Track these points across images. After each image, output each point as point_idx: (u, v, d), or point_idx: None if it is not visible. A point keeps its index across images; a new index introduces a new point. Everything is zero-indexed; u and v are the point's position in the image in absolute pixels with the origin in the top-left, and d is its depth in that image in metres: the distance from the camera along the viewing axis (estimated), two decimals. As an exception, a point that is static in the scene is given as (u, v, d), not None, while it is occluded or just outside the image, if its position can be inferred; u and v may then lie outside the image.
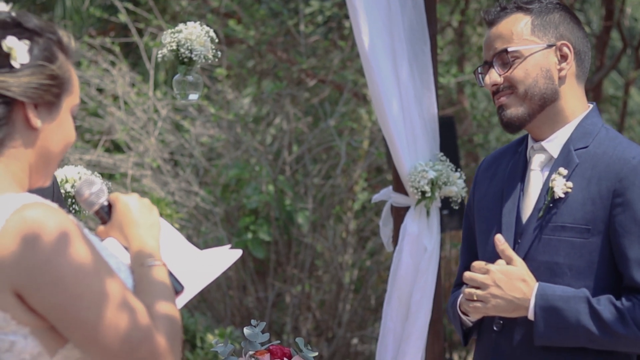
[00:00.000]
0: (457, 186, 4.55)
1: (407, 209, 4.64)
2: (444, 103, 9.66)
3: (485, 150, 9.75)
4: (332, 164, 8.43)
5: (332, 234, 8.21)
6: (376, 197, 4.85)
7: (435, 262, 4.60)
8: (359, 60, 8.36)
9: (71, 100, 2.27)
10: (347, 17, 8.83)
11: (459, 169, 4.63)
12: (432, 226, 4.62)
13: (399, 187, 4.65)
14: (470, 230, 3.42)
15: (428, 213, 4.59)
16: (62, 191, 3.58)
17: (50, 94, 2.20)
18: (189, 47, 3.76)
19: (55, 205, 2.11)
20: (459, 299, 3.26)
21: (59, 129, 2.24)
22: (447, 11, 9.95)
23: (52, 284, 2.04)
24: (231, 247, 2.64)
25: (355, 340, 8.40)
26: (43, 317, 2.07)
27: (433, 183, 4.51)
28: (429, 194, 4.52)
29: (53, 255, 2.04)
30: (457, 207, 4.67)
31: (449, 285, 9.21)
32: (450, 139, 6.38)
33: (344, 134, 8.46)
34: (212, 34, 3.85)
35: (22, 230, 2.05)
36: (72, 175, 3.61)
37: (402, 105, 4.53)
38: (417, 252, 4.59)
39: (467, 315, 3.26)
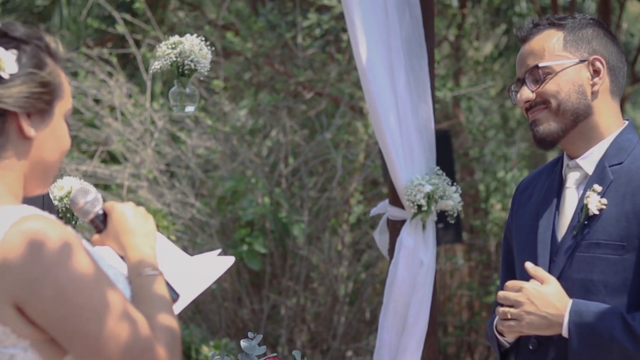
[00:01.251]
0: (453, 200, 4.56)
1: (403, 222, 4.65)
2: (440, 117, 9.67)
3: (481, 164, 9.76)
4: (328, 176, 8.43)
5: (327, 247, 8.21)
6: (374, 211, 4.86)
7: (431, 276, 4.61)
8: (356, 73, 8.37)
9: (63, 105, 2.25)
10: (344, 30, 8.84)
11: (454, 183, 4.65)
12: (427, 240, 4.62)
13: (395, 201, 4.66)
14: (509, 253, 3.37)
15: (424, 226, 4.60)
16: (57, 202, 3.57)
17: (42, 102, 2.19)
18: (193, 60, 3.76)
19: (53, 217, 2.10)
20: (496, 320, 3.22)
21: (53, 136, 2.23)
22: (444, 25, 9.97)
23: (53, 296, 2.04)
24: (220, 250, 2.65)
25: (350, 353, 8.39)
26: (43, 329, 2.06)
27: (429, 197, 4.52)
28: (425, 208, 4.53)
29: (53, 267, 2.04)
30: (452, 221, 4.68)
31: (444, 299, 9.22)
32: (446, 153, 6.39)
33: (340, 147, 8.47)
34: (204, 47, 3.85)
35: (22, 243, 2.04)
36: (73, 186, 3.60)
37: (399, 119, 4.54)
38: (412, 265, 4.60)
39: (504, 336, 3.23)
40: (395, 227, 4.70)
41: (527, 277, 3.14)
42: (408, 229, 4.60)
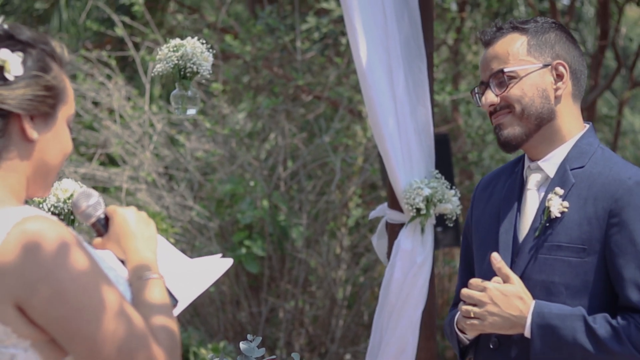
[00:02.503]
0: (452, 204, 4.57)
1: (402, 225, 4.65)
2: (439, 121, 9.68)
3: (480, 168, 9.77)
4: (327, 180, 8.43)
5: (326, 250, 8.21)
6: (373, 214, 4.87)
7: (424, 275, 4.61)
8: (355, 77, 8.38)
9: (67, 110, 2.27)
10: (343, 33, 8.85)
11: (453, 187, 4.65)
12: (426, 243, 4.63)
13: (394, 204, 4.67)
14: (467, 250, 3.43)
15: (423, 230, 4.60)
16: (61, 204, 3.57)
17: (45, 105, 2.20)
18: (195, 62, 3.76)
19: (55, 218, 2.11)
20: (456, 317, 3.27)
21: (55, 140, 2.24)
22: (443, 29, 9.97)
23: (54, 297, 2.04)
24: (221, 254, 2.65)
25: (348, 356, 8.39)
26: (44, 330, 2.07)
27: (428, 200, 4.53)
28: (423, 211, 4.53)
29: (55, 267, 2.04)
30: (451, 225, 4.69)
31: (442, 302, 9.22)
32: (444, 157, 6.40)
33: (338, 150, 8.48)
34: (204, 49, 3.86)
35: (24, 243, 2.04)
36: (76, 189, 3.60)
37: (398, 122, 4.55)
38: (409, 267, 4.60)
39: (464, 333, 3.27)
40: (394, 231, 4.70)
41: (485, 275, 3.19)
42: (406, 232, 4.60)
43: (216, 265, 2.59)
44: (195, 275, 2.54)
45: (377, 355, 4.64)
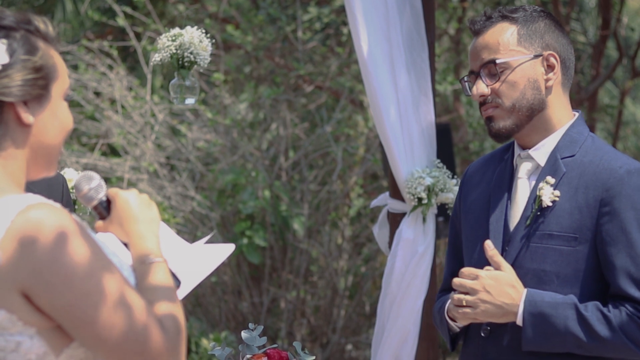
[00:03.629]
0: (453, 193, 4.57)
1: (403, 215, 4.65)
2: (440, 110, 9.68)
3: (481, 158, 9.76)
4: (328, 170, 8.43)
5: (327, 240, 8.22)
6: (374, 203, 4.87)
7: (426, 264, 4.61)
8: (356, 67, 8.38)
9: (60, 86, 2.23)
10: (345, 23, 8.84)
11: (455, 176, 4.65)
12: (427, 232, 4.63)
13: (396, 194, 4.67)
14: (456, 237, 3.44)
15: (424, 219, 4.61)
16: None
17: (37, 87, 2.18)
18: (192, 52, 3.76)
19: (58, 205, 2.11)
20: (447, 305, 3.27)
21: (52, 118, 2.22)
22: (445, 19, 9.97)
23: (60, 284, 2.04)
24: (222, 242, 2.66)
25: (349, 346, 8.40)
26: (49, 317, 2.07)
27: (430, 190, 4.53)
28: (425, 201, 4.54)
29: (60, 254, 2.04)
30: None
31: (443, 292, 9.22)
32: (446, 147, 6.40)
33: (340, 140, 8.48)
34: (206, 39, 3.85)
35: (29, 231, 2.04)
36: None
37: (400, 112, 4.55)
38: (410, 257, 4.61)
39: (455, 321, 3.28)
40: (395, 220, 4.70)
41: (476, 263, 3.20)
42: (408, 222, 4.60)
43: (218, 251, 2.59)
44: (198, 260, 2.54)
45: (381, 343, 4.64)
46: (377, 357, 4.64)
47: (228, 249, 2.58)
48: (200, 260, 2.54)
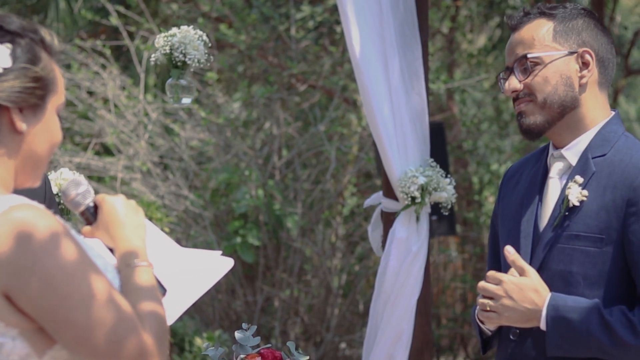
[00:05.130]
0: (447, 192, 4.57)
1: (397, 213, 4.65)
2: (434, 109, 9.68)
3: (475, 156, 9.78)
4: (322, 168, 8.44)
5: (321, 239, 8.22)
6: (368, 202, 4.87)
7: (420, 263, 4.61)
8: (350, 66, 8.37)
9: (56, 100, 2.24)
10: (338, 22, 8.84)
11: (448, 175, 4.65)
12: (421, 231, 4.63)
13: (389, 193, 4.67)
14: (495, 238, 3.38)
15: (418, 218, 4.61)
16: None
17: (35, 97, 2.18)
18: (183, 51, 3.76)
19: (42, 207, 2.10)
20: (477, 309, 3.24)
21: (45, 130, 2.22)
22: (438, 17, 9.97)
23: (42, 285, 2.03)
24: (221, 252, 2.63)
25: (343, 345, 8.41)
26: (32, 318, 2.07)
27: (423, 189, 4.52)
28: (419, 200, 4.54)
29: (42, 255, 2.04)
30: (446, 213, 4.68)
31: (437, 291, 9.24)
32: (439, 145, 6.40)
33: (333, 139, 8.48)
34: (205, 38, 3.85)
35: (10, 232, 2.04)
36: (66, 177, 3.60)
37: (393, 111, 4.54)
38: (404, 256, 4.60)
39: (484, 324, 3.24)
40: (389, 219, 4.70)
41: (510, 266, 3.15)
42: (401, 221, 4.60)
43: (216, 266, 2.57)
44: (193, 273, 2.52)
45: (373, 342, 4.64)
46: (371, 356, 4.64)
47: (226, 264, 2.55)
48: (197, 274, 2.51)
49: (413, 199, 4.53)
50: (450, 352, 9.47)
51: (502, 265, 3.26)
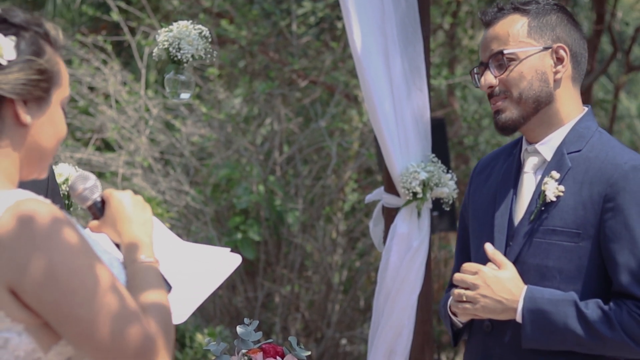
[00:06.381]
0: (448, 187, 4.57)
1: (398, 209, 4.65)
2: (435, 105, 9.67)
3: (476, 152, 9.77)
4: (323, 164, 8.43)
5: (321, 235, 8.21)
6: (369, 197, 4.86)
7: (421, 259, 4.61)
8: (351, 62, 8.37)
9: (61, 93, 2.26)
10: (339, 18, 8.83)
11: (449, 171, 4.65)
12: (422, 226, 4.63)
13: (391, 188, 4.66)
14: (464, 232, 3.42)
15: (419, 214, 4.60)
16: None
17: (39, 89, 2.19)
18: (177, 46, 3.76)
19: (48, 201, 2.10)
20: (449, 300, 3.26)
21: (49, 123, 2.23)
22: (439, 13, 9.96)
23: (46, 279, 2.04)
24: (229, 249, 2.62)
25: (344, 341, 8.40)
26: (37, 313, 2.07)
27: (424, 184, 4.53)
28: (420, 195, 4.53)
29: (47, 249, 2.04)
30: (447, 209, 4.68)
31: (438, 287, 9.23)
32: (440, 141, 6.39)
33: (334, 135, 8.47)
34: (206, 33, 3.85)
35: (16, 227, 2.04)
36: (71, 173, 3.60)
37: (395, 106, 4.54)
38: (405, 251, 4.60)
39: (457, 316, 3.27)
40: (390, 215, 4.70)
41: (482, 258, 3.18)
42: (403, 216, 4.60)
43: (224, 263, 2.56)
44: (202, 273, 2.52)
45: (376, 338, 4.65)
46: (372, 351, 4.64)
47: (234, 261, 2.55)
48: (205, 272, 2.51)
49: (414, 194, 4.53)
50: (450, 348, 9.47)
51: (472, 258, 3.29)
